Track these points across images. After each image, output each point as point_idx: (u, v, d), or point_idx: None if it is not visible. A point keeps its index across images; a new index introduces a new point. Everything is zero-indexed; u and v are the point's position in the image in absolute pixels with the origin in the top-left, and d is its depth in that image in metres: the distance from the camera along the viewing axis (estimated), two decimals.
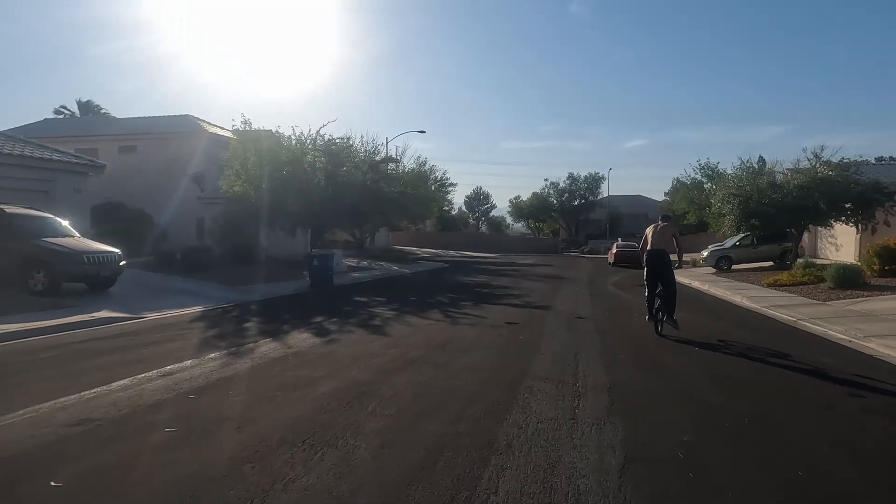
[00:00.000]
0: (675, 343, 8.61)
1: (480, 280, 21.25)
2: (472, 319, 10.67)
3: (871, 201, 22.07)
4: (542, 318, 11.03)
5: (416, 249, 51.32)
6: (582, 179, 70.18)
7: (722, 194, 25.53)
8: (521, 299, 14.45)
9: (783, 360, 7.48)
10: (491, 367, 6.59)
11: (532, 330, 9.44)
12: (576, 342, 8.32)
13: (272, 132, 24.33)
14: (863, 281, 15.41)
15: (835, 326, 10.27)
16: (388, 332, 9.10)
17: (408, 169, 40.25)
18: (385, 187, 28.02)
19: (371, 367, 6.52)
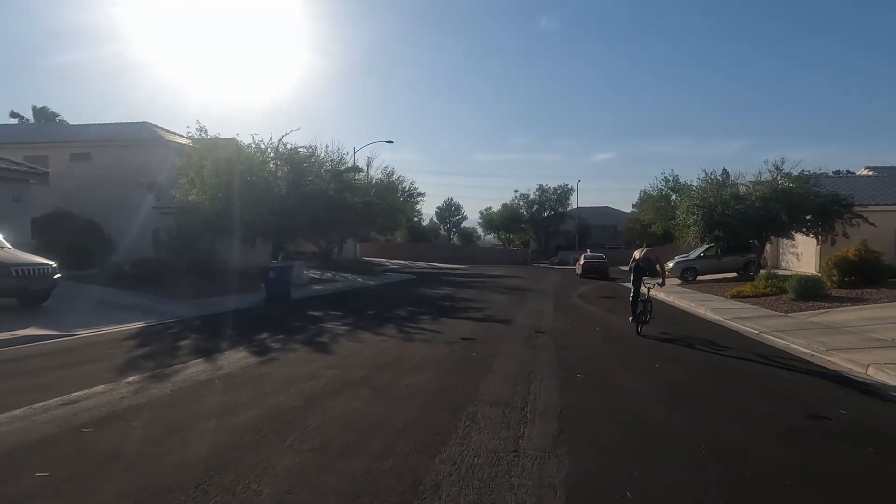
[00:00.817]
0: (636, 357, 8.24)
1: (445, 292, 20.75)
2: (427, 335, 10.14)
3: (831, 213, 22.36)
4: (501, 332, 10.57)
5: (385, 261, 50.61)
6: (552, 191, 70.59)
7: (687, 205, 25.64)
8: (483, 313, 13.98)
9: (745, 378, 7.16)
10: (435, 390, 6.07)
11: (488, 346, 8.96)
12: (532, 359, 7.86)
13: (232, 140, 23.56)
14: (823, 292, 15.41)
15: (797, 339, 10.07)
16: (334, 350, 8.51)
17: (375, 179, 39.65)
18: (350, 197, 27.37)
19: (303, 392, 5.93)
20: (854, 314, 12.50)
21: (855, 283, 16.26)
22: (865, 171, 30.33)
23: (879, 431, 4.97)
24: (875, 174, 29.17)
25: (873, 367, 7.54)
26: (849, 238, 21.41)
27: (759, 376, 7.27)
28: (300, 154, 25.13)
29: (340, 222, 27.13)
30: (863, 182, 27.61)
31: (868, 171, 30.03)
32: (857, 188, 25.34)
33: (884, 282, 16.33)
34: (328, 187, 25.74)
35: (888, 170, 29.35)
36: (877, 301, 13.86)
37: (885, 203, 25.22)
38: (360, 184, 31.77)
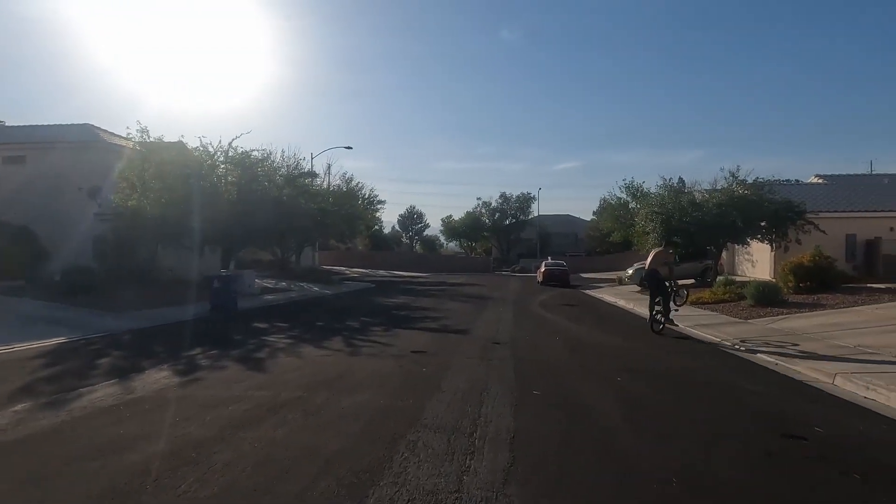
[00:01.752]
0: (597, 369, 7.73)
1: (402, 301, 20.03)
2: (375, 348, 9.42)
3: (784, 219, 22.65)
4: (456, 344, 9.93)
5: (345, 269, 49.49)
6: (514, 199, 70.80)
7: (645, 212, 25.64)
8: (439, 323, 13.34)
9: (712, 391, 6.71)
10: (375, 413, 5.37)
11: (440, 360, 8.30)
12: (486, 374, 7.24)
13: (177, 142, 22.35)
14: (781, 298, 15.36)
15: (759, 348, 9.77)
16: (269, 368, 7.71)
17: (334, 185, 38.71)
18: (305, 203, 26.38)
19: (221, 419, 5.15)
20: (812, 320, 12.37)
21: (810, 288, 16.30)
22: (815, 179, 31.09)
23: (859, 453, 4.52)
24: (824, 182, 29.91)
25: (840, 377, 7.20)
26: (801, 244, 21.69)
27: (726, 389, 6.84)
28: (252, 158, 24.04)
29: (295, 229, 26.13)
30: (813, 190, 28.24)
31: (817, 180, 30.79)
32: (808, 196, 25.83)
33: (837, 287, 16.42)
34: (282, 193, 24.71)
35: (836, 178, 30.15)
36: (833, 306, 13.82)
37: (835, 210, 25.81)
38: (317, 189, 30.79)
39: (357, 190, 43.21)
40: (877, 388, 6.51)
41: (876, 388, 6.50)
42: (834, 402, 6.30)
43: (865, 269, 23.21)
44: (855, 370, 7.40)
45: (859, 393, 6.64)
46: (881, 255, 23.61)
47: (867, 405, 6.14)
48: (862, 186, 28.48)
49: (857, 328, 10.87)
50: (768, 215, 22.81)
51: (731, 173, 24.79)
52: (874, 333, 10.22)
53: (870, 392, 6.54)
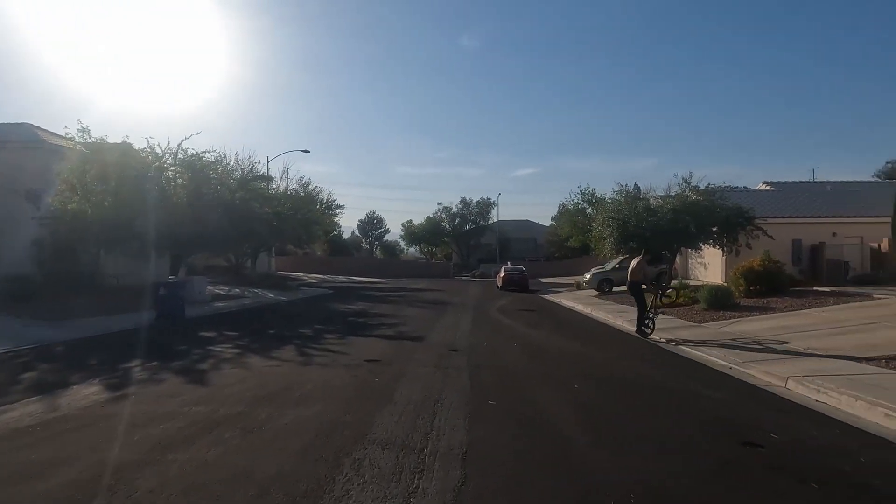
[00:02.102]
0: (554, 376, 7.57)
1: (360, 308, 19.60)
2: (327, 357, 9.04)
3: (735, 225, 23.29)
4: (412, 352, 9.64)
5: (303, 275, 48.52)
6: (474, 204, 71.01)
7: (602, 218, 25.98)
8: (395, 329, 13.02)
9: (669, 397, 6.63)
10: (320, 428, 5.04)
11: (394, 369, 8.00)
12: (440, 384, 6.99)
13: (122, 143, 21.33)
14: (733, 302, 15.67)
15: (714, 351, 9.84)
16: (211, 380, 7.25)
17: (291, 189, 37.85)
18: (259, 207, 25.62)
19: (150, 439, 4.73)
20: (763, 323, 12.61)
21: (760, 292, 16.70)
22: (763, 186, 32.15)
23: (815, 460, 4.47)
24: (771, 189, 30.95)
25: (792, 381, 7.26)
26: (751, 249, 22.33)
27: (682, 395, 6.78)
28: (203, 160, 23.16)
29: (248, 234, 25.28)
30: (761, 196, 29.19)
31: (765, 186, 31.85)
32: (757, 202, 26.67)
33: (786, 290, 16.88)
34: (234, 197, 23.90)
35: (783, 185, 31.27)
36: (782, 310, 14.15)
37: (782, 216, 26.71)
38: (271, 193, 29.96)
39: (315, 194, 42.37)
40: (827, 391, 6.55)
41: (827, 392, 6.55)
42: (787, 406, 6.31)
43: (811, 272, 24.04)
44: (806, 373, 7.47)
45: (811, 396, 6.69)
46: (825, 259, 24.49)
47: (819, 409, 6.17)
48: (806, 193, 29.58)
49: (806, 331, 11.10)
50: (720, 221, 23.42)
51: (685, 180, 25.42)
52: (822, 336, 10.44)
53: (821, 395, 6.58)
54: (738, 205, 23.79)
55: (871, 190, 29.94)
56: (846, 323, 11.40)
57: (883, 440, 5.00)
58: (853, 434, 5.20)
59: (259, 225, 25.44)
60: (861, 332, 10.36)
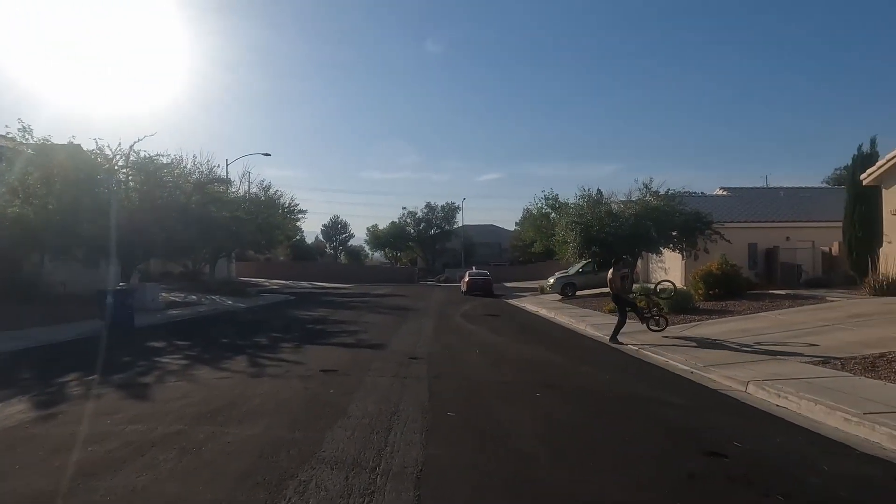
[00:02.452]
0: (516, 385, 7.38)
1: (320, 314, 19.11)
2: (281, 367, 8.64)
3: (694, 229, 23.73)
4: (370, 360, 9.31)
5: (265, 281, 47.46)
6: (439, 209, 70.88)
7: (565, 222, 26.13)
8: (355, 337, 12.65)
9: (631, 406, 6.50)
10: (264, 448, 4.69)
11: (350, 379, 7.67)
12: (399, 395, 6.69)
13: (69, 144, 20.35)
14: (692, 305, 15.85)
15: (675, 355, 9.82)
16: (153, 396, 6.79)
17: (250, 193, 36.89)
18: (216, 212, 24.80)
19: (75, 464, 4.29)
20: (723, 326, 12.73)
21: (719, 295, 16.97)
22: (720, 191, 32.91)
23: (779, 470, 4.36)
24: (728, 194, 31.70)
25: (752, 385, 7.23)
26: (709, 253, 22.78)
27: (644, 402, 6.66)
28: (156, 163, 22.28)
29: (205, 239, 24.45)
30: (718, 201, 29.84)
31: (722, 192, 32.61)
32: (714, 207, 27.24)
33: (743, 294, 17.20)
34: (190, 200, 23.06)
35: (739, 190, 32.06)
36: (740, 313, 14.36)
37: (738, 220, 27.35)
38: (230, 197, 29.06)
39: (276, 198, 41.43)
40: (787, 395, 6.53)
41: (787, 396, 6.52)
42: (749, 411, 6.25)
43: (766, 275, 24.64)
44: (765, 377, 7.47)
45: (771, 401, 6.66)
46: (779, 262, 25.17)
47: (780, 413, 6.13)
48: (761, 198, 30.40)
49: (763, 333, 11.23)
50: (679, 225, 23.84)
51: (645, 185, 25.79)
52: (779, 339, 10.55)
53: (781, 400, 6.56)
54: (696, 210, 24.25)
55: (822, 195, 30.99)
56: (802, 326, 11.59)
57: (845, 447, 4.95)
58: (815, 441, 5.14)
59: (216, 230, 24.65)
60: (816, 335, 10.51)
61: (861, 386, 6.81)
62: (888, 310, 12.18)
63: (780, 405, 6.47)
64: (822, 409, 5.92)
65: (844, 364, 8.06)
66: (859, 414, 5.56)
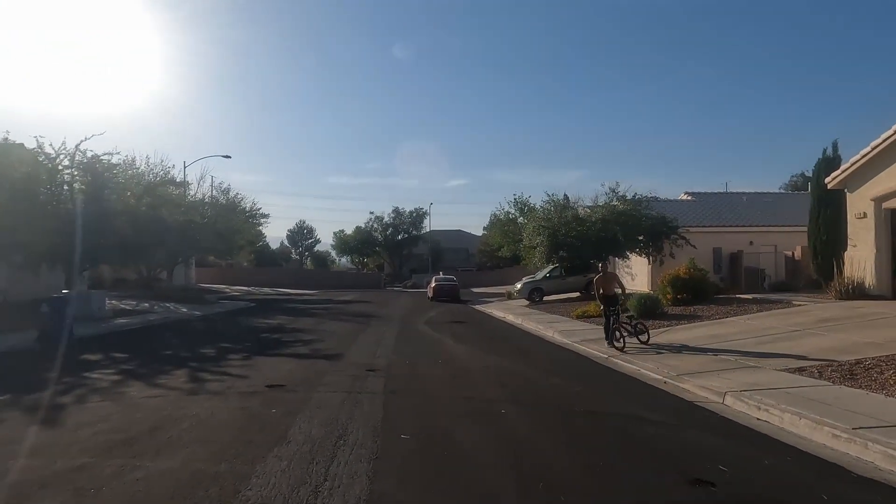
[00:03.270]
0: (479, 401, 6.77)
1: (278, 322, 18.20)
2: (225, 383, 7.85)
3: (660, 234, 23.66)
4: (323, 373, 8.58)
5: (227, 287, 45.92)
6: (407, 214, 70.12)
7: (532, 226, 25.80)
8: (311, 347, 11.89)
9: (605, 424, 5.96)
10: (179, 485, 3.95)
11: (298, 396, 6.95)
12: (348, 414, 6.01)
13: (5, 142, 19.00)
14: (661, 310, 15.56)
15: (647, 364, 9.38)
16: (65, 419, 5.93)
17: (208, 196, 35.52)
18: (168, 215, 23.60)
19: None
20: (693, 332, 12.41)
21: (687, 300, 16.74)
22: (684, 196, 33.11)
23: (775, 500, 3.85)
24: (692, 199, 31.90)
25: (730, 396, 6.79)
26: (675, 258, 22.70)
27: (618, 419, 6.13)
28: (104, 163, 21.01)
29: (156, 244, 23.15)
30: (683, 206, 29.98)
31: (686, 196, 32.81)
32: (679, 211, 27.31)
33: (710, 298, 17.01)
34: (140, 203, 21.84)
35: (702, 195, 32.30)
36: (709, 318, 14.10)
37: (703, 225, 27.43)
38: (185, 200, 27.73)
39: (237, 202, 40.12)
40: (768, 408, 6.09)
41: (768, 409, 6.08)
42: (731, 428, 5.77)
43: (730, 280, 24.69)
44: (743, 388, 7.04)
45: (751, 414, 6.21)
46: (743, 267, 25.27)
47: (763, 429, 5.67)
48: (724, 203, 30.65)
49: (735, 339, 10.91)
50: (646, 230, 23.74)
51: (612, 189, 25.66)
52: (751, 345, 10.22)
53: (762, 413, 6.11)
54: (662, 214, 24.20)
55: (784, 200, 31.47)
56: (772, 331, 11.32)
57: (838, 468, 4.49)
58: (806, 462, 4.67)
59: (168, 234, 23.41)
60: (788, 341, 10.23)
61: (843, 396, 6.43)
62: (856, 314, 12.04)
63: (761, 419, 6.03)
64: (807, 424, 5.48)
65: (822, 372, 7.71)
66: (848, 429, 5.13)
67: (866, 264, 14.34)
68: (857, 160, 14.36)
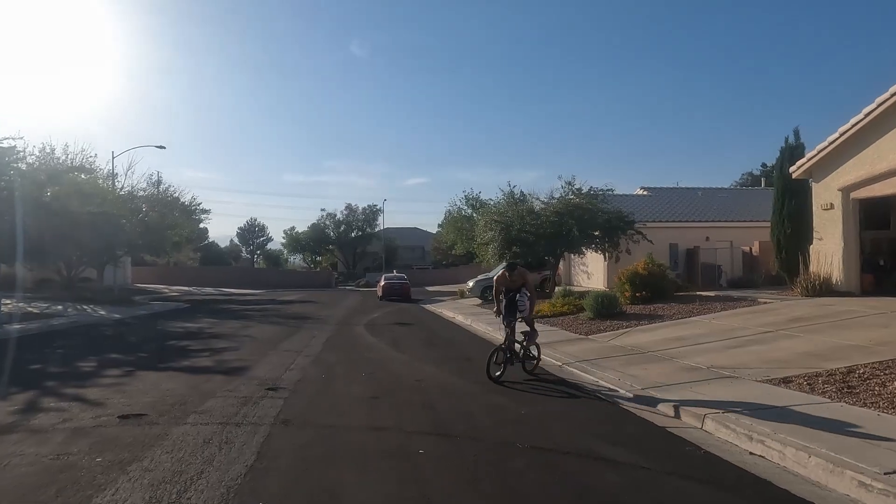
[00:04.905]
0: (397, 431, 5.17)
1: (199, 326, 16.16)
2: (64, 413, 5.99)
3: (616, 228, 22.63)
4: (208, 395, 6.81)
5: (166, 288, 43.06)
6: (360, 211, 68.20)
7: (485, 221, 24.49)
8: (218, 357, 10.05)
9: (555, 463, 4.47)
10: None
11: (150, 433, 5.19)
12: (203, 463, 4.32)
13: None
14: (619, 310, 14.37)
15: (607, 374, 8.00)
16: None
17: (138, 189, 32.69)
18: (79, 207, 21.02)
19: None
20: (654, 334, 11.17)
21: (646, 298, 15.61)
22: (640, 191, 32.42)
23: None
24: (648, 194, 31.21)
25: (711, 421, 5.42)
26: (631, 254, 21.72)
27: (573, 461, 4.65)
28: (2, 147, 18.47)
29: (60, 238, 20.53)
30: (639, 201, 29.21)
31: (642, 191, 32.12)
32: (635, 206, 26.46)
33: (670, 296, 15.92)
34: (42, 193, 19.31)
35: (658, 190, 31.68)
36: (670, 317, 12.92)
37: (659, 220, 26.70)
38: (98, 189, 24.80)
39: (172, 196, 37.33)
40: (764, 438, 4.72)
41: (763, 440, 4.70)
42: (720, 471, 4.34)
43: (687, 276, 23.92)
44: (723, 407, 5.69)
45: (741, 446, 4.84)
46: (699, 263, 24.57)
47: (762, 471, 4.27)
48: (680, 198, 30.07)
49: (702, 343, 9.68)
50: (602, 225, 22.67)
51: (568, 182, 24.53)
52: (721, 349, 9.02)
53: (755, 445, 4.74)
54: (619, 209, 23.23)
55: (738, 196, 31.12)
56: (741, 332, 10.16)
57: None
58: None
59: (79, 229, 20.87)
60: (761, 344, 9.06)
61: (851, 419, 5.13)
62: (827, 312, 11.04)
63: (754, 453, 4.66)
64: (821, 465, 4.11)
65: (812, 384, 6.46)
66: (878, 475, 3.78)
67: (833, 259, 13.47)
68: (825, 147, 13.46)
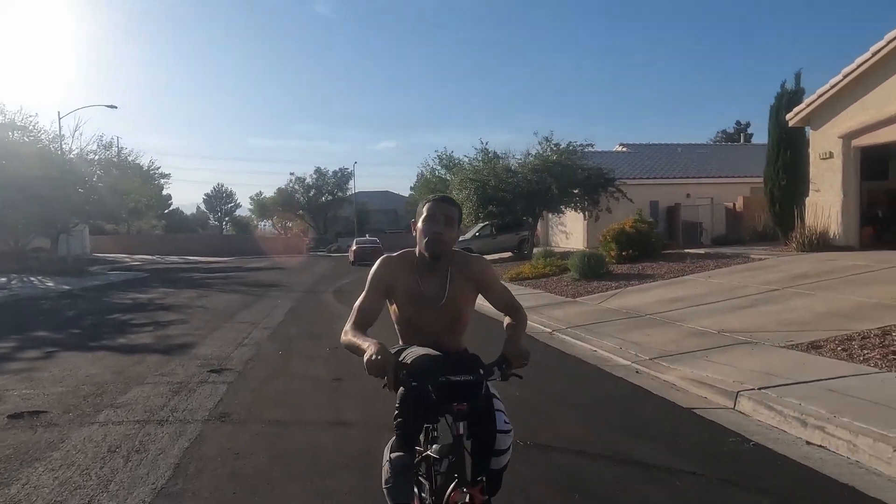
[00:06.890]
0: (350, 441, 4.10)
1: (150, 297, 14.78)
2: None
3: (596, 186, 21.67)
4: (134, 381, 5.62)
5: (128, 257, 41.01)
6: (330, 175, 66.16)
7: (459, 179, 23.27)
8: (161, 332, 8.80)
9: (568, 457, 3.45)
10: None
11: (41, 438, 4.00)
12: (100, 480, 3.18)
13: None
14: (606, 270, 13.47)
15: (605, 341, 7.05)
16: None
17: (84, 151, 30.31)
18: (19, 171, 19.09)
19: None
20: (648, 295, 10.28)
21: (632, 256, 14.74)
22: (619, 147, 31.45)
23: None
24: (628, 150, 30.28)
25: (746, 399, 4.47)
26: (611, 213, 20.85)
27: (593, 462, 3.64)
28: None
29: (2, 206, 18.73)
30: (618, 158, 28.23)
31: (622, 148, 31.16)
32: (615, 163, 25.50)
33: (658, 255, 15.09)
34: None
35: (638, 147, 30.73)
36: (662, 276, 12.06)
37: (640, 177, 25.85)
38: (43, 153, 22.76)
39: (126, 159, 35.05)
40: (823, 424, 3.76)
41: (823, 426, 3.75)
42: (783, 472, 3.38)
43: (668, 234, 23.21)
44: (758, 382, 4.75)
45: (793, 433, 3.88)
46: (680, 220, 23.89)
47: (835, 471, 3.31)
48: (660, 154, 29.19)
49: (704, 304, 8.80)
50: (581, 182, 21.67)
51: (546, 138, 23.35)
52: (728, 310, 8.14)
53: (812, 433, 3.78)
54: (598, 165, 22.22)
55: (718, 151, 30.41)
56: (745, 291, 9.30)
57: None
58: None
59: (19, 194, 19.02)
60: (772, 303, 8.19)
61: None
62: (833, 268, 10.25)
63: (813, 443, 3.71)
64: None
65: (849, 349, 5.56)
66: None
67: (831, 211, 12.69)
68: (826, 91, 12.49)
